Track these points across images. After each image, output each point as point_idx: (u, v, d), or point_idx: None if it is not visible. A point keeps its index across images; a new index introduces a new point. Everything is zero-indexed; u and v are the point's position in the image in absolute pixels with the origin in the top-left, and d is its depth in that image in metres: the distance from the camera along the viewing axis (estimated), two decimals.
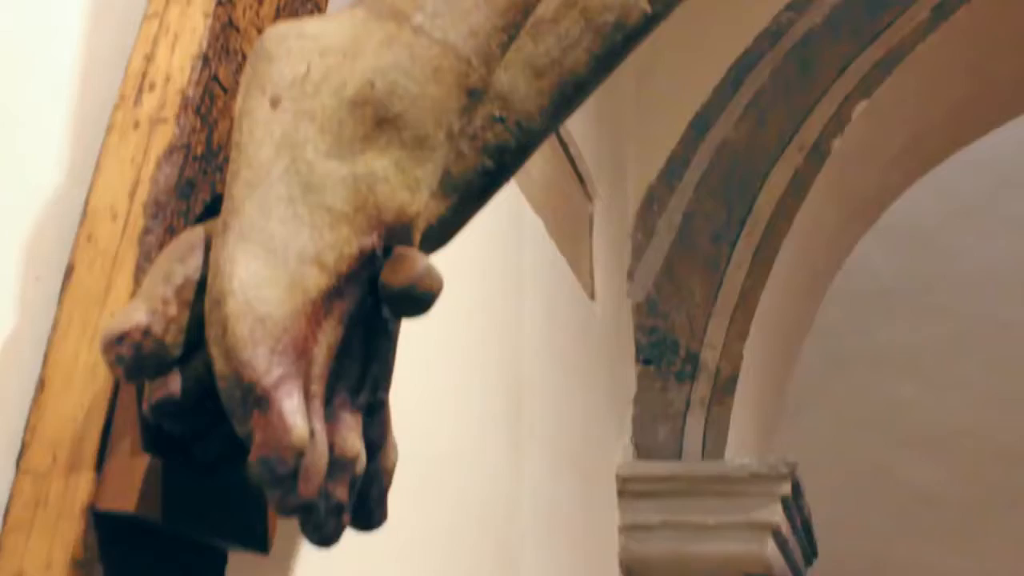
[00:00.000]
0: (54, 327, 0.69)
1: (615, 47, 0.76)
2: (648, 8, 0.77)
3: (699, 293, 2.42)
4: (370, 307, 0.65)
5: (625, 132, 2.59)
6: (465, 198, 0.72)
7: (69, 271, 0.70)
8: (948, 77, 2.97)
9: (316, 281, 0.61)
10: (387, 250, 0.65)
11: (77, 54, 0.76)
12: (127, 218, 0.70)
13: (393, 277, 0.64)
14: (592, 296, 2.12)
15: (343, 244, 0.63)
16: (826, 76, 2.74)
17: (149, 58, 0.76)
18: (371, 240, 0.64)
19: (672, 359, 2.35)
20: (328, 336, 0.61)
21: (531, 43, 0.74)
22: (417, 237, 0.68)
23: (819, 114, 2.68)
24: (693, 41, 2.72)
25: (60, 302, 0.69)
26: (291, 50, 0.66)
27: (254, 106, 0.65)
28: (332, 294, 0.62)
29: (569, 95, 0.75)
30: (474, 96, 0.69)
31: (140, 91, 0.75)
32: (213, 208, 0.72)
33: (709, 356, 2.34)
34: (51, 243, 0.71)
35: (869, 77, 2.73)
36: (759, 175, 2.61)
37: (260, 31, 0.81)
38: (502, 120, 0.71)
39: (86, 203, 0.72)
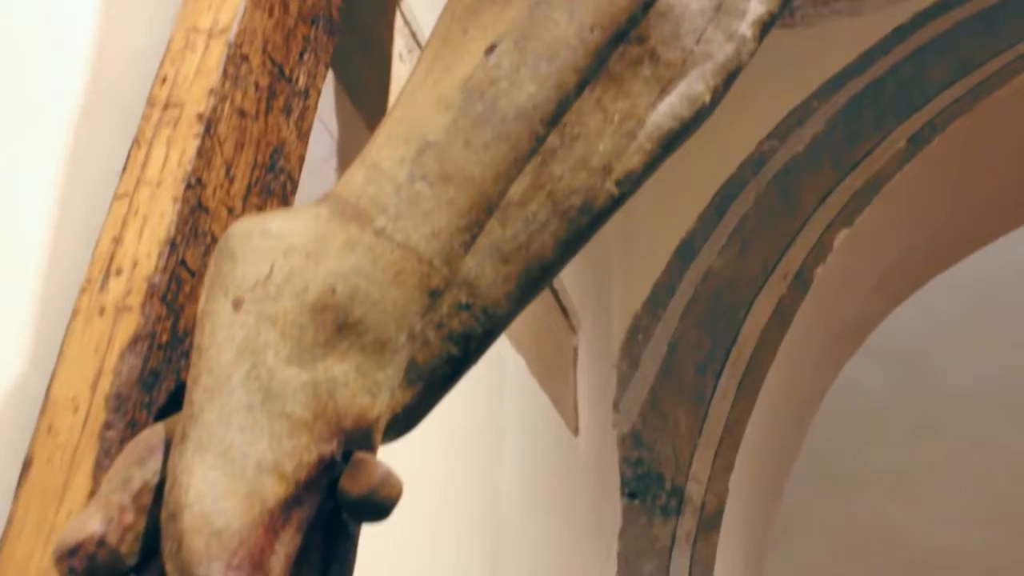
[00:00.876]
0: (9, 522, 0.67)
1: (581, 230, 0.77)
2: (616, 191, 0.78)
3: (684, 424, 2.41)
4: (330, 511, 0.64)
5: (610, 261, 2.60)
6: (431, 385, 0.72)
7: (28, 464, 0.69)
8: (927, 203, 3.01)
9: (274, 491, 0.60)
10: (346, 455, 0.64)
11: (46, 231, 0.77)
12: (88, 411, 0.69)
13: (352, 485, 0.63)
14: (576, 431, 2.10)
15: (302, 452, 0.62)
16: (808, 204, 2.78)
17: (117, 240, 0.76)
18: (331, 447, 0.63)
19: (657, 493, 2.32)
20: (286, 545, 0.60)
21: (499, 227, 0.74)
22: (378, 438, 0.67)
23: (802, 242, 2.71)
24: (678, 168, 2.74)
25: (16, 496, 0.68)
26: (255, 248, 0.67)
27: (216, 308, 0.65)
28: (291, 503, 0.61)
29: (535, 279, 0.75)
30: (436, 296, 0.69)
31: (107, 276, 0.74)
32: (176, 397, 0.72)
33: (695, 490, 2.31)
34: (10, 432, 0.70)
35: (850, 205, 2.77)
36: (744, 304, 2.62)
37: (231, 210, 0.82)
38: (468, 307, 0.71)
39: (48, 392, 0.71)
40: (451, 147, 0.69)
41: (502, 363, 1.70)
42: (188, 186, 0.77)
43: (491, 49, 0.72)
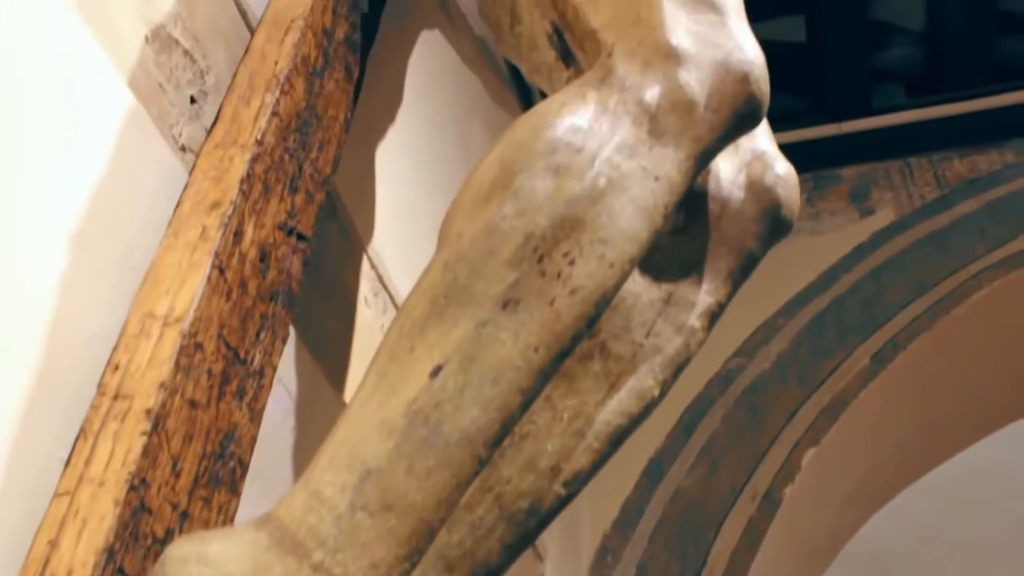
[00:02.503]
0: None
1: (528, 533, 0.76)
2: (564, 491, 0.78)
3: None
4: None
5: None
6: None
7: None
8: (892, 420, 3.03)
9: None
10: None
11: None
12: None
13: None
14: None
15: None
16: (776, 422, 2.78)
17: (53, 544, 0.74)
18: None
19: None
20: None
21: (444, 533, 0.73)
22: None
23: (770, 462, 2.70)
24: None
25: None
26: None
27: None
28: None
29: None
30: None
31: None
32: None
33: None
34: None
35: (817, 423, 2.77)
36: (713, 525, 2.58)
37: (175, 506, 0.80)
38: None
39: None
40: (393, 474, 0.69)
41: None
42: (131, 487, 0.76)
43: (436, 371, 0.73)
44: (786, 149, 3.21)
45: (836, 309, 2.97)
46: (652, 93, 0.86)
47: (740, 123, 0.89)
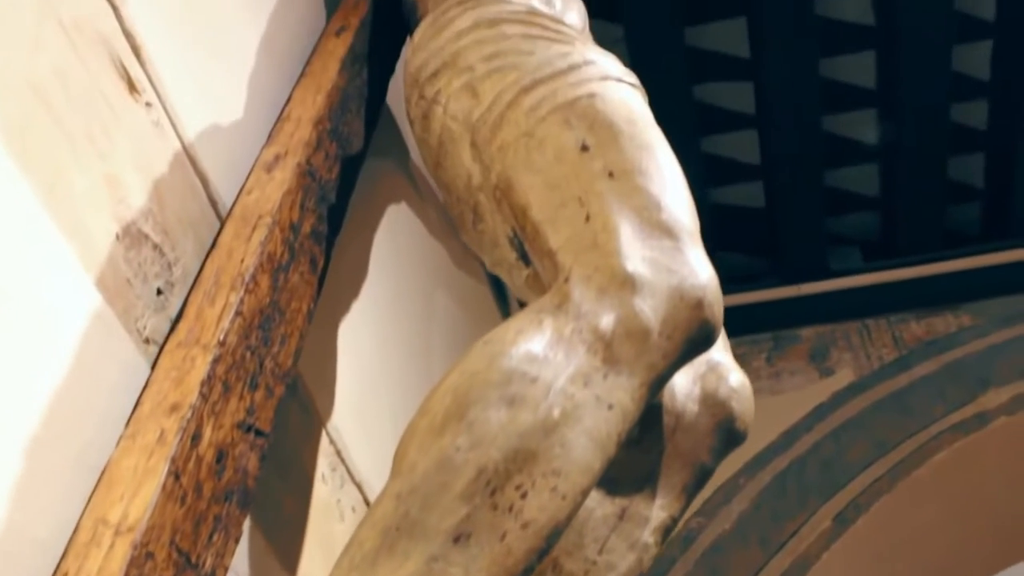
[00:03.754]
0: None
1: None
2: None
3: None
4: None
5: None
6: None
7: None
8: None
9: None
10: None
11: None
12: None
13: None
14: None
15: None
16: None
17: None
18: None
19: None
20: None
21: None
22: None
23: None
24: None
25: None
26: None
27: None
28: None
29: None
30: None
31: None
32: None
33: None
34: None
35: None
36: None
37: None
38: None
39: None
40: None
41: None
42: None
43: None
44: (746, 310, 3.29)
45: (797, 469, 2.99)
46: (607, 321, 0.89)
47: (693, 349, 0.92)
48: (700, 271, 0.97)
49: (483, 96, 1.20)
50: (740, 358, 3.22)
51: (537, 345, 0.86)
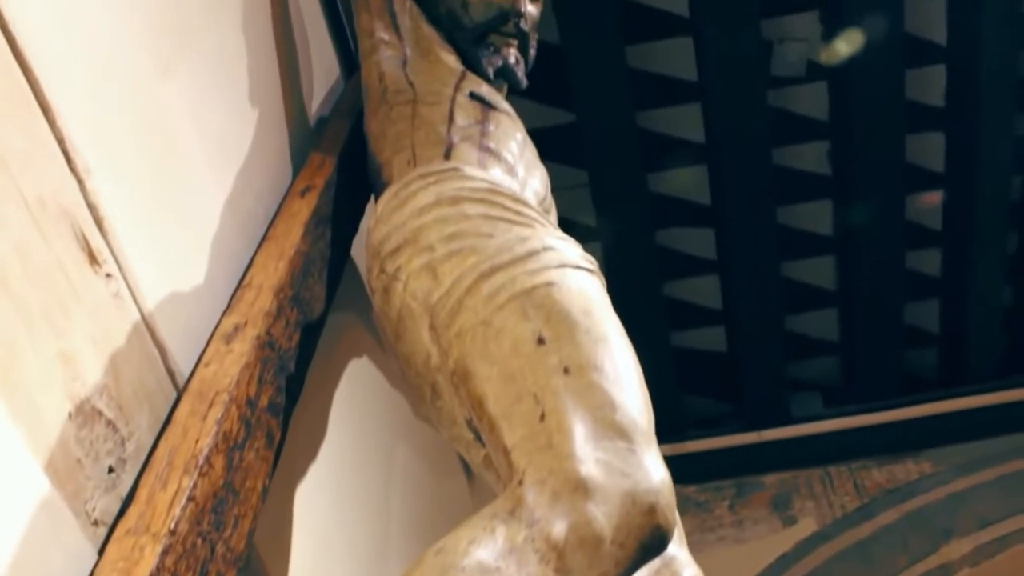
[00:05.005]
0: None
1: None
2: None
3: None
4: None
5: None
6: None
7: None
8: None
9: None
10: None
11: None
12: None
13: None
14: None
15: None
16: None
17: None
18: None
19: None
20: None
21: None
22: None
23: None
24: None
25: None
26: None
27: None
28: None
29: None
30: None
31: None
32: None
33: None
34: None
35: None
36: None
37: None
38: None
39: None
40: None
41: None
42: None
43: None
44: (710, 456, 3.28)
45: None
46: (559, 529, 0.88)
47: (646, 555, 0.91)
48: (653, 474, 0.96)
49: (442, 278, 1.20)
50: (703, 505, 3.20)
51: (489, 555, 0.85)
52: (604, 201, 3.01)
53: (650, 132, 3.11)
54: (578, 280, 1.19)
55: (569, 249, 1.25)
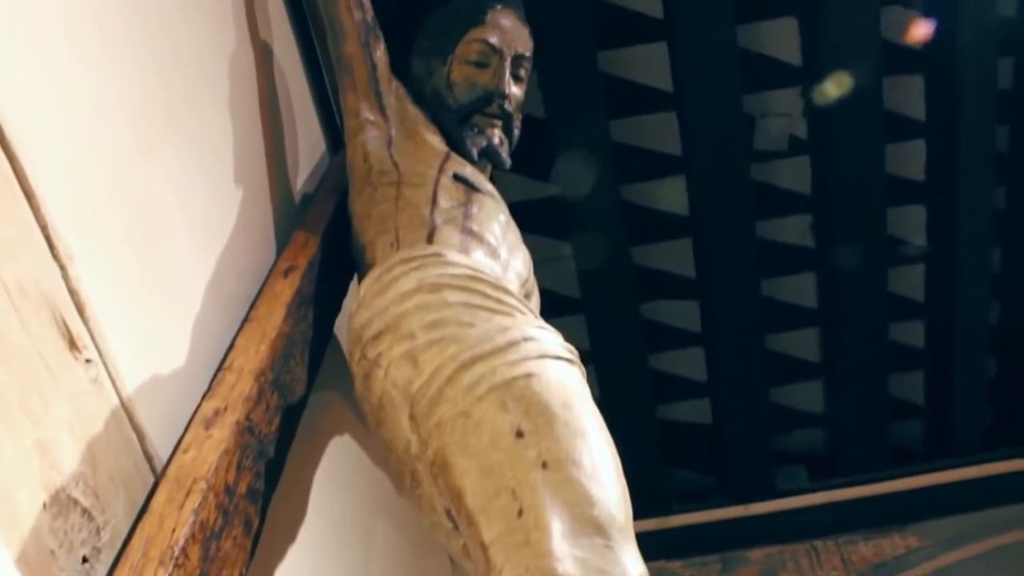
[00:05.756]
0: None
1: None
2: None
3: None
4: None
5: None
6: None
7: None
8: None
9: None
10: None
11: None
12: None
13: None
14: None
15: None
16: None
17: None
18: None
19: None
20: None
21: None
22: None
23: None
24: None
25: None
26: None
27: None
28: None
29: None
30: None
31: None
32: None
33: None
34: None
35: None
36: None
37: None
38: None
39: None
40: None
41: None
42: None
43: None
44: (695, 530, 3.26)
45: None
46: None
47: None
48: (631, 571, 0.96)
49: (423, 367, 1.20)
50: None
51: None
52: (589, 275, 3.02)
53: (635, 205, 3.13)
54: (558, 371, 1.19)
55: (549, 339, 1.26)
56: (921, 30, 2.94)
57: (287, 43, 2.08)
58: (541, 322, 1.32)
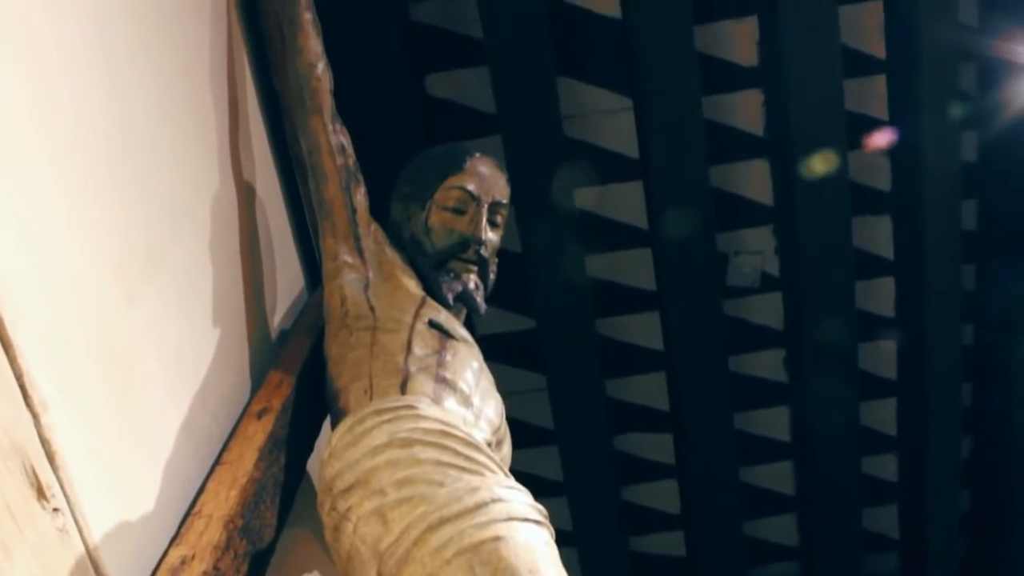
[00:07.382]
0: None
1: None
2: None
3: None
4: None
5: None
6: None
7: None
8: None
9: None
10: None
11: None
12: None
13: None
14: None
15: None
16: None
17: None
18: None
19: None
20: None
21: None
22: None
23: None
24: None
25: None
26: None
27: None
28: None
29: None
30: None
31: None
32: None
33: None
34: None
35: None
36: None
37: None
38: None
39: None
40: None
41: None
42: None
43: None
44: None
45: None
46: None
47: None
48: None
49: (392, 526, 1.21)
50: None
51: None
52: (562, 406, 3.04)
53: (609, 339, 3.17)
54: (526, 534, 1.20)
55: (519, 500, 1.27)
56: (883, 137, 3.04)
57: (270, 181, 2.12)
58: (511, 481, 1.34)
